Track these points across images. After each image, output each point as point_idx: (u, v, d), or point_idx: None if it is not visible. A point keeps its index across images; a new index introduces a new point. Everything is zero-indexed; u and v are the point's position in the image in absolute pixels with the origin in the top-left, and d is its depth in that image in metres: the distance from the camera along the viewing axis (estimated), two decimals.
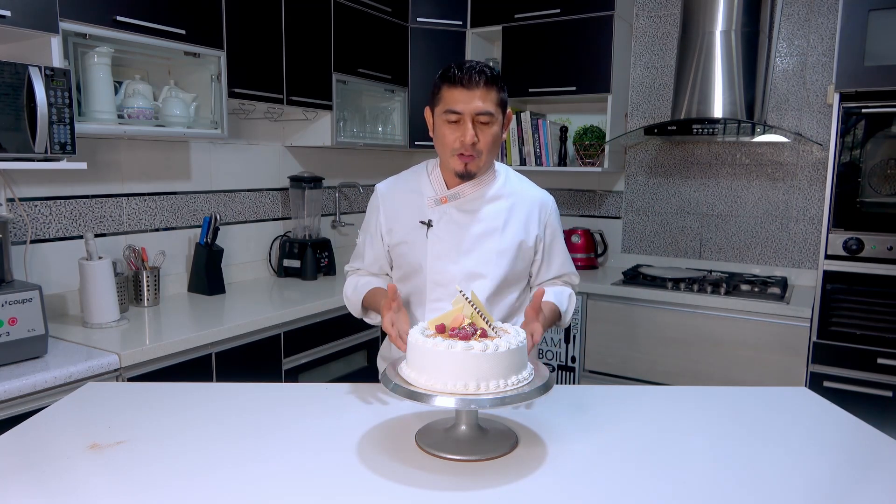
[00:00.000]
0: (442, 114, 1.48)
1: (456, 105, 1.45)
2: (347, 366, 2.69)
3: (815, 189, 3.01)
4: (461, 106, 1.44)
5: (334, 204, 3.36)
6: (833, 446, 1.29)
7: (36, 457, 1.15)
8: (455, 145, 1.47)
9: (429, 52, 3.31)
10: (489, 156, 1.52)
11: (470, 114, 1.44)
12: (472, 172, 1.52)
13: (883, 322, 2.45)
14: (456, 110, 1.45)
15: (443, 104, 1.47)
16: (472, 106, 1.44)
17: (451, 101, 1.45)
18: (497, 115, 1.48)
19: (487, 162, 1.53)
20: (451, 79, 1.45)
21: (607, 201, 3.51)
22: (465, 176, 1.52)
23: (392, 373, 1.19)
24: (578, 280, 1.75)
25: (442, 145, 1.51)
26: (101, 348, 1.85)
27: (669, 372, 2.83)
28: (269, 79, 2.55)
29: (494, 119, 1.48)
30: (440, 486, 1.07)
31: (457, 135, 1.46)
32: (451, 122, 1.47)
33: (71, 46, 1.94)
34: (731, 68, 2.85)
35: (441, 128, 1.49)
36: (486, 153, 1.50)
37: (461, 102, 1.44)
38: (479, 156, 1.49)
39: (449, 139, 1.48)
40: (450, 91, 1.46)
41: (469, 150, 1.47)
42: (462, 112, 1.44)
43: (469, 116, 1.45)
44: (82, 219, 2.28)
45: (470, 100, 1.44)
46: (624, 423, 1.34)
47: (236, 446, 1.21)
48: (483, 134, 1.47)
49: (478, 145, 1.47)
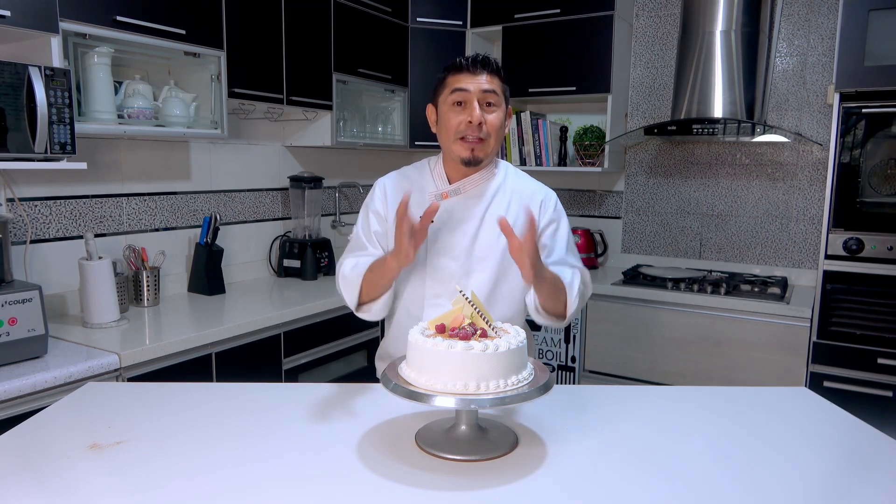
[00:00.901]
0: (448, 97, 1.48)
1: (462, 84, 1.46)
2: (347, 366, 2.69)
3: (815, 189, 3.01)
4: (467, 84, 1.46)
5: (334, 204, 3.36)
6: (833, 446, 1.28)
7: (36, 457, 1.15)
8: (461, 127, 1.47)
9: (429, 52, 3.31)
10: (495, 141, 1.51)
11: (476, 92, 1.46)
12: (479, 158, 1.50)
13: (883, 322, 2.45)
14: (462, 87, 1.46)
15: (448, 89, 1.49)
16: (478, 85, 1.46)
17: (456, 83, 1.47)
18: (501, 100, 1.49)
19: (493, 149, 1.53)
20: (456, 66, 1.48)
21: (607, 201, 3.51)
22: (471, 162, 1.51)
23: (392, 373, 1.19)
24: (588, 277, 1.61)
25: (446, 130, 1.50)
26: (101, 348, 1.85)
27: (669, 372, 2.83)
28: (269, 79, 2.55)
29: (500, 102, 1.49)
30: (440, 486, 1.07)
31: (463, 116, 1.47)
32: (456, 103, 1.47)
33: (71, 46, 1.94)
34: (731, 68, 2.85)
35: (446, 114, 1.50)
36: (493, 137, 1.50)
37: (467, 82, 1.46)
38: (487, 138, 1.49)
39: (454, 122, 1.48)
40: (455, 76, 1.48)
41: (476, 130, 1.46)
42: (469, 90, 1.46)
43: (475, 95, 1.46)
44: (82, 219, 2.28)
45: (476, 81, 1.46)
46: (624, 423, 1.34)
47: (236, 446, 1.21)
48: (489, 115, 1.48)
49: (485, 126, 1.47)
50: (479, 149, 1.49)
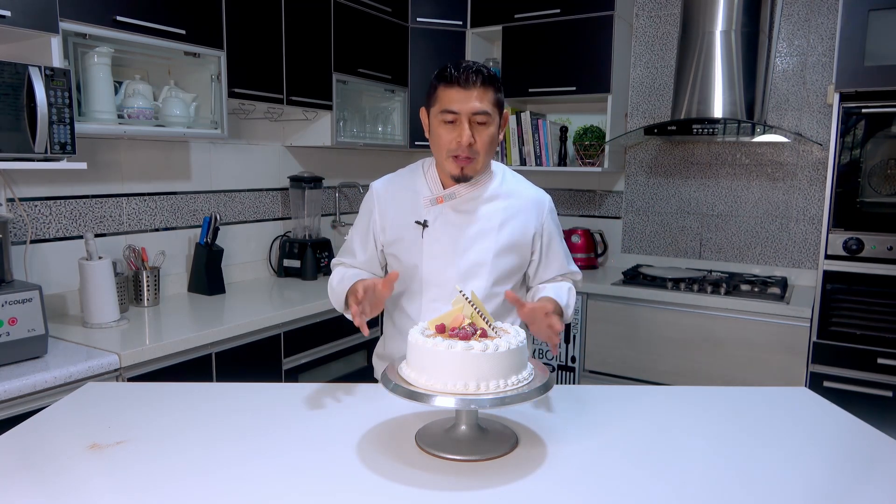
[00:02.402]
0: (438, 114, 1.46)
1: (452, 105, 1.43)
2: (347, 366, 2.69)
3: (815, 189, 3.01)
4: (458, 105, 1.43)
5: (334, 204, 3.36)
6: (833, 446, 1.29)
7: (36, 457, 1.15)
8: (451, 146, 1.46)
9: (429, 53, 3.31)
10: (486, 158, 1.50)
11: (467, 114, 1.43)
12: (469, 176, 1.51)
13: (883, 322, 2.45)
14: (452, 110, 1.43)
15: (439, 104, 1.46)
16: (468, 106, 1.43)
17: (447, 101, 1.44)
18: (494, 116, 1.47)
19: (484, 164, 1.52)
20: (447, 78, 1.44)
21: (607, 201, 3.51)
22: (460, 179, 1.51)
23: (392, 373, 1.19)
24: (581, 278, 1.73)
25: (438, 146, 1.49)
26: (101, 348, 1.85)
27: (669, 372, 2.83)
28: (269, 79, 2.55)
29: (491, 120, 1.46)
30: (440, 486, 1.07)
31: (453, 136, 1.45)
32: (447, 122, 1.45)
33: (71, 46, 1.94)
34: (731, 68, 2.85)
35: (437, 129, 1.48)
36: (483, 154, 1.48)
37: (457, 102, 1.43)
38: (476, 157, 1.47)
39: (444, 140, 1.46)
40: (446, 91, 1.44)
41: (465, 151, 1.45)
42: (459, 112, 1.43)
43: (466, 117, 1.43)
44: (82, 219, 2.28)
45: (467, 100, 1.42)
46: (624, 422, 1.34)
47: (236, 446, 1.21)
48: (480, 135, 1.46)
49: (474, 146, 1.46)
50: (469, 167, 1.49)
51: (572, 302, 1.63)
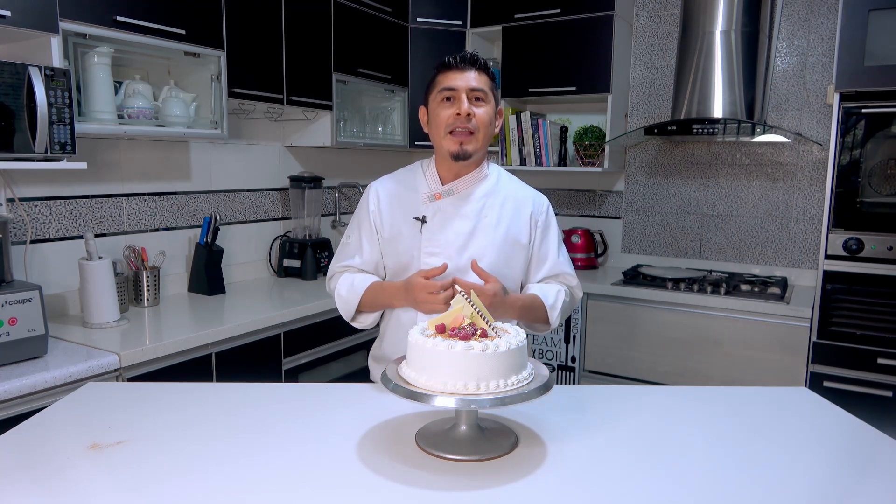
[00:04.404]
0: (437, 94, 1.53)
1: (450, 82, 1.51)
2: (347, 366, 2.69)
3: (815, 189, 3.01)
4: (455, 83, 1.51)
5: (334, 204, 3.36)
6: (833, 446, 1.29)
7: (36, 456, 1.15)
8: (450, 121, 1.51)
9: (429, 52, 3.31)
10: (484, 137, 1.54)
11: (464, 89, 1.50)
12: (468, 153, 1.53)
13: (883, 322, 2.45)
14: (450, 87, 1.51)
15: (437, 88, 1.53)
16: (466, 83, 1.51)
17: (445, 81, 1.52)
18: (490, 98, 1.54)
19: (483, 144, 1.55)
20: (444, 64, 1.54)
21: (607, 201, 3.51)
22: (460, 156, 1.53)
23: (392, 373, 1.19)
24: (576, 282, 1.69)
25: (437, 125, 1.54)
26: (101, 348, 1.85)
27: (669, 372, 2.83)
28: (269, 79, 2.55)
29: (487, 99, 1.53)
30: (440, 486, 1.07)
31: (452, 110, 1.51)
32: (445, 99, 1.52)
33: (71, 46, 1.94)
34: (731, 68, 2.85)
35: (436, 110, 1.54)
36: (482, 132, 1.53)
37: (455, 80, 1.51)
38: (476, 132, 1.51)
39: (443, 116, 1.52)
40: (444, 74, 1.53)
41: (464, 122, 1.50)
42: (456, 88, 1.50)
43: (463, 92, 1.50)
44: (82, 219, 2.28)
45: (464, 78, 1.51)
46: (624, 422, 1.34)
47: (236, 446, 1.21)
48: (478, 110, 1.52)
49: (473, 119, 1.50)
50: (468, 142, 1.52)
51: (559, 304, 1.60)
